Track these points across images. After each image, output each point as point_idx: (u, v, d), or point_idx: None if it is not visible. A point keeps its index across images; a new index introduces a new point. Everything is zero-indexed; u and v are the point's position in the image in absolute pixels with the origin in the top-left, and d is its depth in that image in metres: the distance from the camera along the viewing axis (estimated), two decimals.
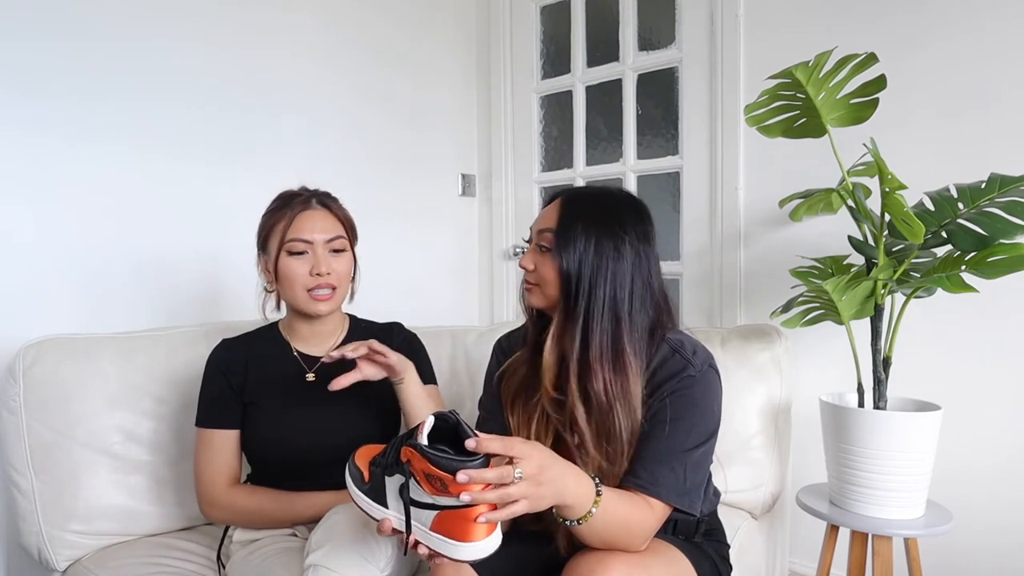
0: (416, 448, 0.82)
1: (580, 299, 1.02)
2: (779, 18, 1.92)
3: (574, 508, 0.89)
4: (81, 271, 1.67)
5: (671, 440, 1.00)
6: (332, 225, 1.28)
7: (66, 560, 1.36)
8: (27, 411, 1.35)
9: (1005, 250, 1.27)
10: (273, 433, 1.28)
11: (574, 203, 1.07)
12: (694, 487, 1.01)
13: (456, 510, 0.82)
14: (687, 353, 1.04)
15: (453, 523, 0.83)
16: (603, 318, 1.01)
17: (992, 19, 1.62)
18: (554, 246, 1.04)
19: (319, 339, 1.35)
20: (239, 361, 1.31)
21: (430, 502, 0.84)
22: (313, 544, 1.06)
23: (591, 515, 0.90)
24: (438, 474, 0.80)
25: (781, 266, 1.83)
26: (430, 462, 0.80)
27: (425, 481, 0.83)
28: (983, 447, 1.65)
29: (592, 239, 1.03)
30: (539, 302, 1.08)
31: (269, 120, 2.03)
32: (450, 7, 2.56)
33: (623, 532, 0.95)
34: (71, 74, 1.64)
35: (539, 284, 1.07)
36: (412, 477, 0.85)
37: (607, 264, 1.02)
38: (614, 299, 1.02)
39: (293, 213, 1.25)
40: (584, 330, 1.02)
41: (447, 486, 0.80)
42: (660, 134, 2.25)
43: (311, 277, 1.24)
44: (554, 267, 1.04)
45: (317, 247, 1.25)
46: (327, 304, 1.27)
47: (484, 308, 2.68)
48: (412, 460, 0.84)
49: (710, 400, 1.04)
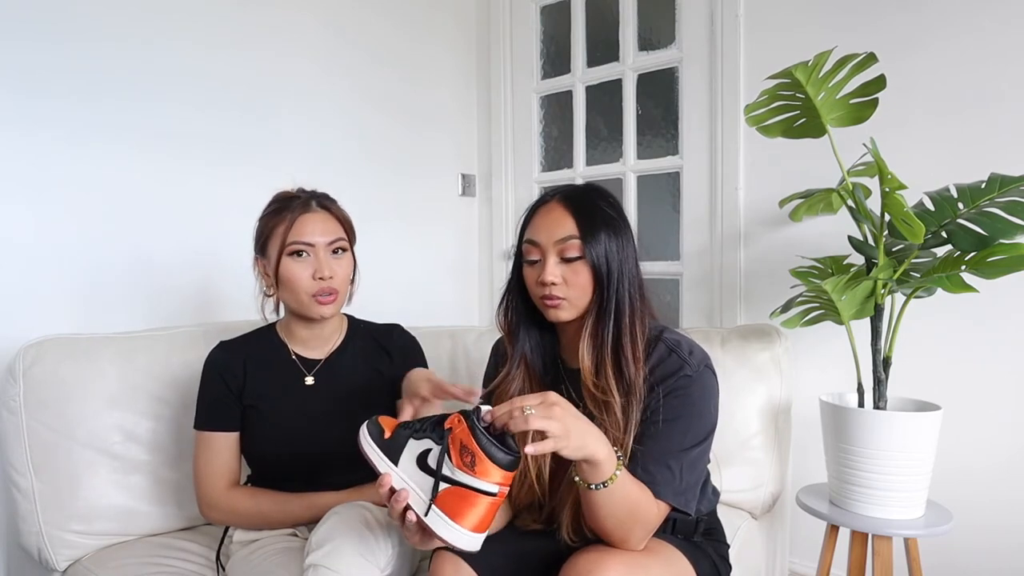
0: (468, 417, 0.85)
1: (612, 293, 1.03)
2: (779, 18, 1.92)
3: (598, 468, 0.89)
4: (81, 271, 1.67)
5: (667, 440, 1.00)
6: (333, 227, 1.27)
7: (66, 560, 1.36)
8: (27, 411, 1.35)
9: (1005, 250, 1.27)
10: (272, 436, 1.28)
11: (580, 202, 1.07)
12: (690, 487, 1.01)
13: (465, 489, 0.84)
14: (684, 353, 1.04)
15: (457, 501, 0.85)
16: (631, 302, 1.04)
17: (992, 19, 1.62)
18: (584, 251, 1.03)
19: (318, 341, 1.34)
20: (237, 363, 1.30)
21: (447, 474, 0.86)
22: (313, 544, 1.06)
23: (614, 479, 0.90)
24: (477, 451, 0.83)
25: (781, 266, 1.83)
26: (474, 435, 0.84)
27: (457, 452, 0.85)
28: (983, 447, 1.65)
29: (611, 231, 1.05)
30: (569, 315, 1.06)
31: (269, 120, 2.03)
32: (450, 7, 2.56)
33: (630, 514, 0.95)
34: (71, 74, 1.64)
35: (567, 298, 1.04)
36: (446, 444, 0.87)
37: (626, 252, 1.05)
38: (628, 291, 1.04)
39: (293, 216, 1.24)
40: (617, 319, 1.03)
41: (475, 464, 0.83)
42: (660, 134, 2.25)
43: (314, 281, 1.23)
44: (588, 272, 1.03)
45: (319, 249, 1.24)
46: (330, 307, 1.26)
47: (484, 308, 2.68)
48: (455, 428, 0.87)
49: (706, 400, 1.04)
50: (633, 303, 1.05)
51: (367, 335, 1.38)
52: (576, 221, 1.04)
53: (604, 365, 1.03)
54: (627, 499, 0.94)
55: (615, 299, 1.03)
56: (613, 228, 1.05)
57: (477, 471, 0.83)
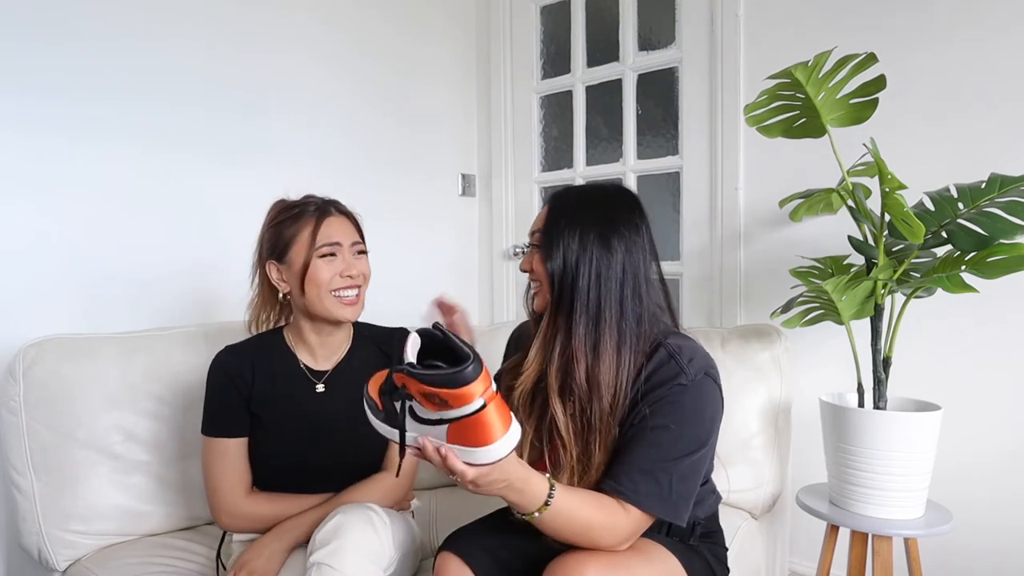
0: (405, 372, 0.80)
1: (565, 292, 1.03)
2: (779, 18, 1.92)
3: (520, 505, 0.91)
4: (81, 271, 1.67)
5: (657, 448, 0.98)
6: (353, 230, 1.30)
7: (66, 560, 1.36)
8: (27, 411, 1.35)
9: (1005, 250, 1.27)
10: (282, 447, 1.26)
11: (559, 200, 1.10)
12: (681, 498, 0.98)
13: (465, 419, 0.81)
14: (683, 360, 1.01)
15: (467, 432, 0.82)
16: (588, 308, 1.02)
17: (992, 19, 1.62)
18: (541, 243, 1.06)
19: (328, 350, 1.33)
20: (245, 369, 1.28)
21: (437, 418, 0.83)
22: (317, 542, 1.07)
23: (544, 510, 0.91)
24: (434, 391, 0.79)
25: (781, 266, 1.83)
26: (423, 383, 0.79)
27: (426, 401, 0.82)
28: (983, 447, 1.65)
29: (576, 231, 1.03)
30: (542, 304, 1.08)
31: (269, 120, 2.03)
32: (450, 7, 2.56)
33: (585, 530, 0.95)
34: (71, 74, 1.64)
35: (540, 282, 1.08)
36: (412, 399, 0.84)
37: (592, 254, 1.03)
38: (598, 289, 1.02)
39: (318, 218, 1.25)
40: (567, 321, 1.03)
41: (447, 401, 0.79)
42: (660, 134, 2.25)
43: (341, 279, 1.24)
44: (541, 263, 1.06)
45: (345, 250, 1.26)
46: (353, 309, 1.27)
47: (484, 308, 2.68)
48: (407, 384, 0.83)
49: (702, 409, 1.01)
50: (597, 309, 1.02)
51: (370, 343, 1.37)
52: (545, 215, 1.08)
53: (550, 367, 1.03)
54: (573, 521, 0.93)
55: (570, 298, 1.02)
56: (583, 229, 1.03)
57: (454, 404, 0.79)
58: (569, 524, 0.93)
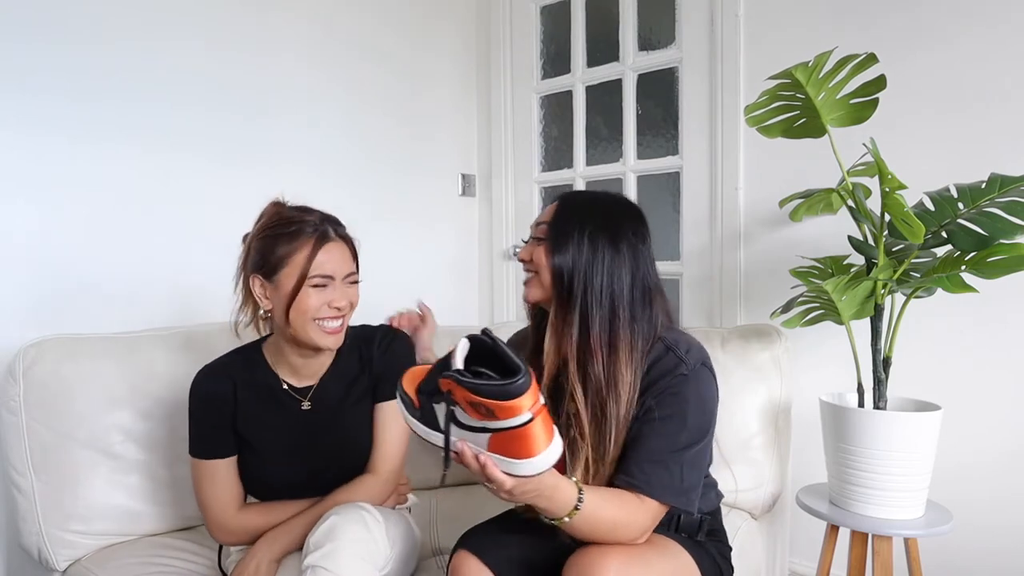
0: (454, 379, 0.79)
1: (576, 289, 1.05)
2: (779, 18, 1.92)
3: (549, 511, 0.92)
4: (81, 271, 1.67)
5: (665, 439, 1.01)
6: (349, 259, 1.23)
7: (66, 560, 1.36)
8: (27, 411, 1.35)
9: (1005, 250, 1.27)
10: (275, 468, 1.25)
11: (570, 199, 1.13)
12: (691, 486, 1.02)
13: (510, 431, 0.80)
14: (680, 351, 1.05)
15: (510, 443, 0.81)
16: (602, 306, 1.04)
17: (992, 19, 1.62)
18: (547, 236, 1.08)
19: (308, 371, 1.28)
20: (226, 391, 1.25)
21: (480, 426, 0.82)
22: (312, 545, 1.06)
23: (567, 521, 0.93)
24: (482, 401, 0.78)
25: (781, 266, 1.83)
26: (471, 391, 0.78)
27: (471, 409, 0.80)
28: (983, 447, 1.65)
29: (586, 232, 1.06)
30: (536, 295, 1.10)
31: (269, 120, 2.03)
32: (450, 7, 2.56)
33: (609, 531, 0.97)
34: (71, 74, 1.64)
35: (537, 273, 1.09)
36: (457, 405, 0.82)
37: (603, 257, 1.05)
38: (611, 289, 1.05)
39: (315, 245, 1.17)
40: (583, 317, 1.04)
41: (494, 412, 0.78)
42: (660, 134, 2.25)
43: (328, 308, 1.18)
44: (547, 256, 1.07)
45: (337, 281, 1.20)
46: (335, 338, 1.21)
47: (484, 308, 2.68)
48: (453, 390, 0.81)
49: (703, 398, 1.05)
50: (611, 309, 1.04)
51: (353, 346, 1.32)
52: (555, 211, 1.10)
53: (568, 358, 1.05)
54: (600, 521, 0.95)
55: (581, 296, 1.04)
56: (593, 231, 1.06)
57: (500, 415, 0.78)
58: (596, 525, 0.95)
